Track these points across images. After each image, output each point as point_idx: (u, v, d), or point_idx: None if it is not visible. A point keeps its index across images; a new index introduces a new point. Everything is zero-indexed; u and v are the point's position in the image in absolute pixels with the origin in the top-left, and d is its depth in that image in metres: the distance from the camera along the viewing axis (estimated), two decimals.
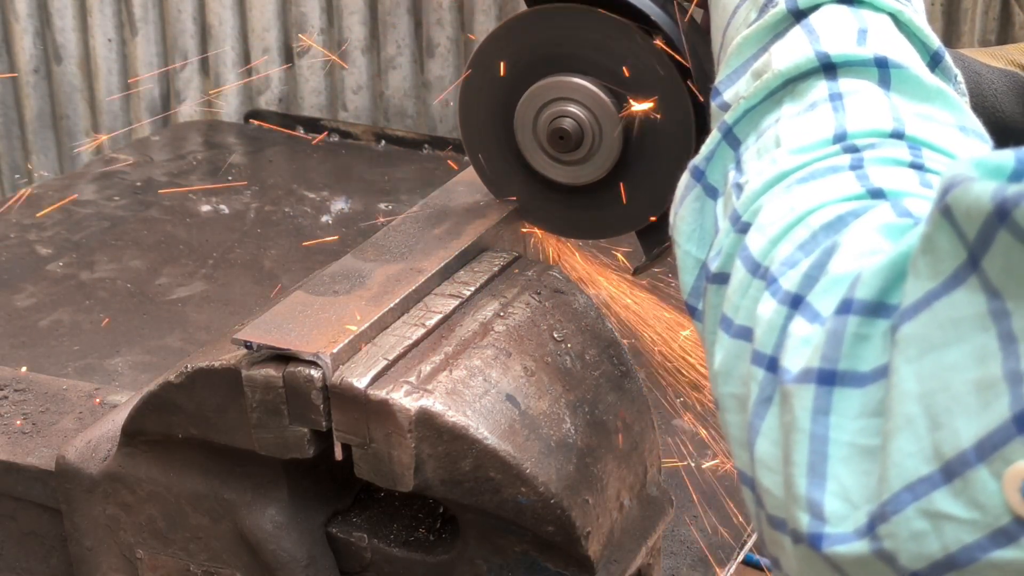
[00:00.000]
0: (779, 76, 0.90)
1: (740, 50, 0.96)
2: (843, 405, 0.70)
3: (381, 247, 1.33)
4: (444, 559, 1.24)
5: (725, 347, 0.83)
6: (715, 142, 0.94)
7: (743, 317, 0.81)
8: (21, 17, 3.79)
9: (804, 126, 0.87)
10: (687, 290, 0.95)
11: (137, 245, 2.71)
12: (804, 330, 0.74)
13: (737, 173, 0.90)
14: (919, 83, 0.89)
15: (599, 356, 1.28)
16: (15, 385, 1.59)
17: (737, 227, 0.85)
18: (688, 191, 0.96)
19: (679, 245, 0.96)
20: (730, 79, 0.97)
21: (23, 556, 1.51)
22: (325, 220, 2.82)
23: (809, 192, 0.82)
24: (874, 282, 0.71)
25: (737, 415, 0.81)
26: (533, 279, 1.31)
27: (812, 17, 0.93)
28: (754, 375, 0.78)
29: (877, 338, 0.70)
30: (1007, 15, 2.93)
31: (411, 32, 3.45)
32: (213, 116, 3.65)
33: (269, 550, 1.26)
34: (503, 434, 1.14)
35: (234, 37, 3.62)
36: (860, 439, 0.70)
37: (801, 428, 0.72)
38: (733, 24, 1.01)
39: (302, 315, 1.20)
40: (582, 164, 1.30)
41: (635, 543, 1.26)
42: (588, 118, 1.27)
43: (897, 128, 0.85)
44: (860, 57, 0.89)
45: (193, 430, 1.25)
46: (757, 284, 0.81)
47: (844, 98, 0.87)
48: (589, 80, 1.27)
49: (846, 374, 0.71)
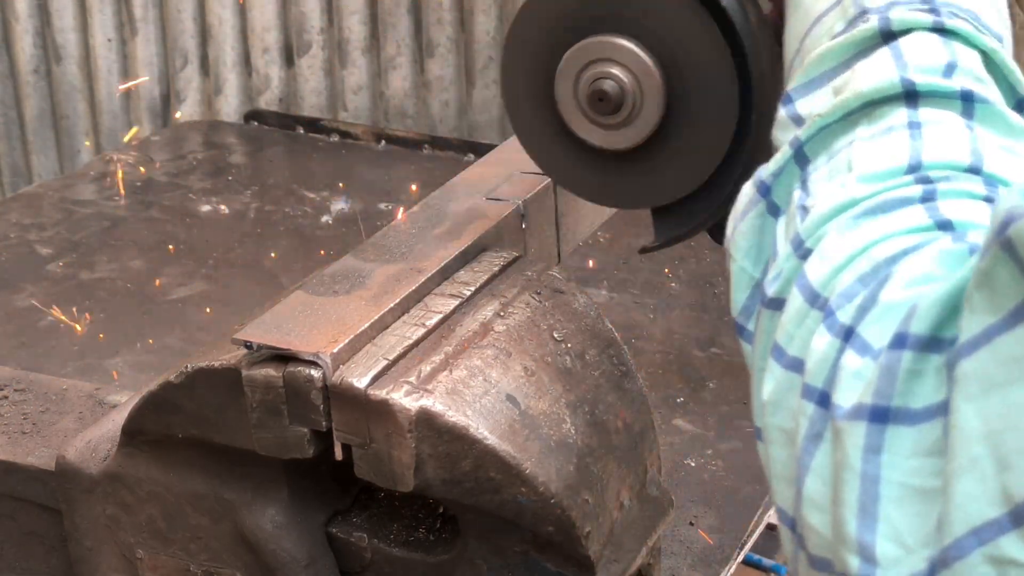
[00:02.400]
0: (859, 97, 0.87)
1: (821, 60, 0.93)
2: (896, 444, 0.69)
3: (381, 247, 1.33)
4: (444, 559, 1.24)
5: (776, 377, 0.80)
6: (785, 158, 0.90)
7: (796, 348, 0.79)
8: (21, 17, 3.79)
9: (878, 152, 0.84)
10: (737, 308, 0.91)
11: (137, 245, 2.71)
12: (855, 363, 0.73)
13: (803, 194, 0.87)
14: (1004, 119, 0.86)
15: (599, 356, 1.28)
16: (15, 385, 1.59)
17: (799, 252, 0.83)
18: (752, 206, 0.92)
19: (735, 260, 0.92)
20: (806, 88, 0.94)
21: (23, 556, 1.51)
22: (325, 220, 2.82)
23: (877, 225, 0.80)
24: (929, 315, 0.69)
25: (783, 449, 0.79)
26: (533, 279, 1.31)
27: (902, 40, 0.90)
28: (804, 410, 0.75)
29: (931, 374, 0.68)
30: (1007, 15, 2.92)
31: (411, 32, 3.45)
32: (213, 116, 3.65)
33: (269, 550, 1.26)
34: (503, 434, 1.14)
35: (234, 37, 3.62)
36: (914, 479, 0.68)
37: (852, 467, 0.70)
38: (815, 32, 0.97)
39: (302, 315, 1.20)
40: (619, 129, 1.26)
41: (635, 543, 1.26)
42: (630, 81, 1.23)
43: (975, 163, 0.83)
44: (946, 89, 0.86)
45: (193, 430, 1.25)
46: (814, 315, 0.78)
47: (923, 127, 0.85)
48: (637, 44, 1.23)
49: (899, 411, 0.69)
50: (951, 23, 0.91)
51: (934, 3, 0.92)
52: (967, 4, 0.94)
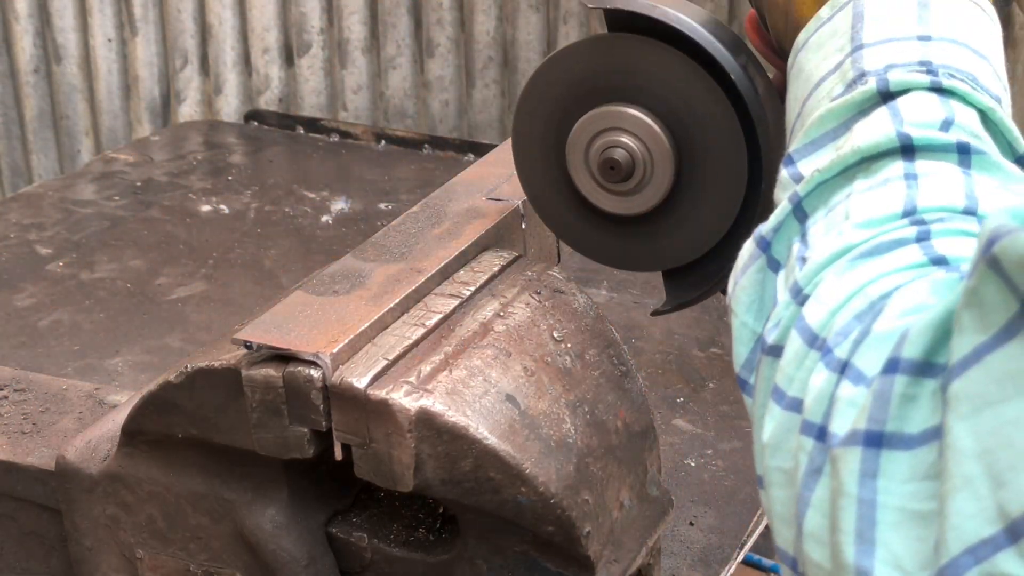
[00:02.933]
0: (857, 152, 0.89)
1: (822, 122, 0.95)
2: (891, 468, 0.68)
3: (381, 247, 1.33)
4: (444, 559, 1.24)
5: (776, 419, 0.81)
6: (784, 213, 0.92)
7: (796, 389, 0.79)
8: (21, 17, 3.79)
9: (874, 201, 0.86)
10: (740, 362, 0.92)
11: (137, 245, 2.71)
12: (849, 392, 0.73)
13: (802, 247, 0.88)
14: (1001, 168, 0.87)
15: (599, 356, 1.28)
16: (15, 385, 1.59)
17: (797, 299, 0.84)
18: (752, 261, 0.93)
19: (736, 315, 0.93)
20: (806, 149, 0.95)
21: (23, 556, 1.51)
22: (325, 220, 2.82)
23: (872, 266, 0.80)
24: (921, 340, 0.69)
25: (783, 490, 0.79)
26: (533, 279, 1.31)
27: (900, 100, 0.91)
28: (803, 446, 0.76)
29: (925, 398, 0.68)
30: (1007, 15, 2.93)
31: (411, 32, 3.46)
32: (213, 116, 3.66)
33: (269, 550, 1.26)
34: (503, 434, 1.14)
35: (234, 37, 3.62)
36: (911, 504, 0.68)
37: (848, 493, 0.70)
38: (815, 95, 0.99)
39: (302, 315, 1.20)
40: (630, 195, 1.29)
41: (635, 543, 1.26)
42: (641, 150, 1.26)
43: (969, 205, 0.84)
44: (942, 142, 0.88)
45: (193, 430, 1.25)
46: (813, 355, 0.79)
47: (919, 177, 0.86)
48: (647, 114, 1.26)
49: (894, 436, 0.69)
50: (948, 83, 0.92)
51: (931, 64, 0.94)
52: (964, 65, 0.95)
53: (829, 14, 1.02)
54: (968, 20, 0.99)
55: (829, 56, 0.99)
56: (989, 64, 0.98)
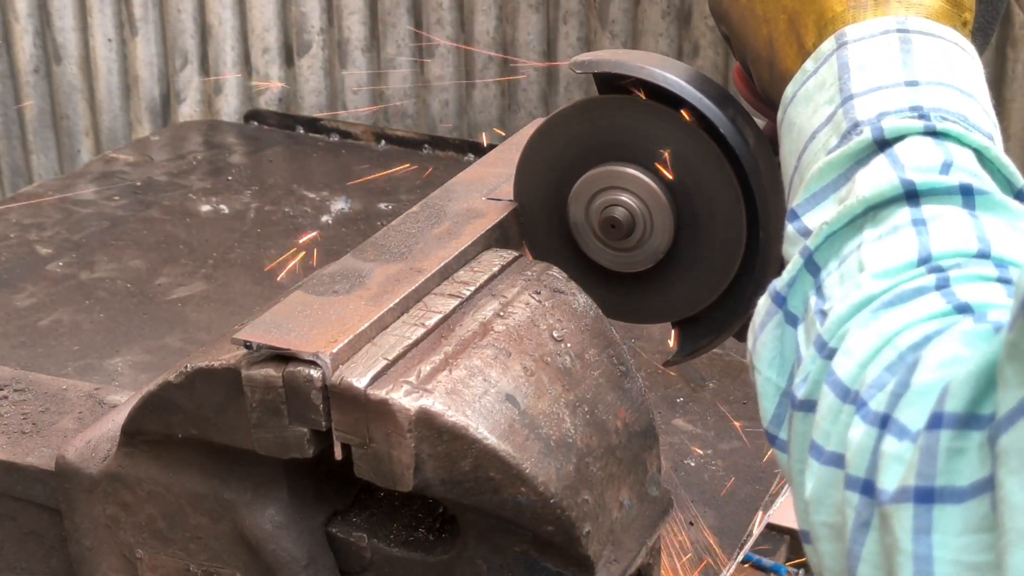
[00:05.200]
0: (863, 202, 0.90)
1: (821, 175, 0.96)
2: (944, 523, 0.69)
3: (381, 247, 1.33)
4: (444, 559, 1.24)
5: (816, 475, 0.82)
6: (796, 268, 0.93)
7: (835, 444, 0.80)
8: (21, 17, 3.79)
9: (887, 250, 0.87)
10: (768, 418, 0.93)
11: (137, 245, 2.71)
12: (894, 447, 0.74)
13: (819, 300, 0.90)
14: (1005, 207, 0.89)
15: (599, 356, 1.28)
16: (15, 385, 1.59)
17: (823, 353, 0.85)
18: (769, 317, 0.95)
19: (759, 372, 0.95)
20: (808, 203, 0.96)
21: (23, 556, 1.51)
22: (325, 220, 2.82)
23: (896, 316, 0.81)
24: (963, 393, 0.70)
25: (832, 544, 0.80)
26: (533, 279, 1.31)
27: (897, 147, 0.92)
28: (849, 500, 0.77)
29: (973, 451, 0.69)
30: (1007, 15, 2.93)
31: (411, 32, 3.45)
32: (213, 116, 3.65)
33: (269, 550, 1.26)
34: (503, 434, 1.14)
35: (234, 37, 3.62)
36: (965, 556, 0.69)
37: (903, 549, 0.71)
38: (811, 148, 1.00)
39: (302, 315, 1.20)
40: (631, 252, 1.32)
41: (635, 543, 1.26)
42: (640, 208, 1.29)
43: (982, 248, 0.85)
44: (945, 185, 0.89)
45: (193, 430, 1.25)
46: (848, 409, 0.80)
47: (928, 223, 0.87)
48: (644, 172, 1.29)
49: (944, 490, 0.70)
50: (942, 126, 0.93)
51: (923, 109, 0.95)
52: (955, 107, 0.96)
53: (814, 67, 1.02)
54: (951, 61, 1.00)
55: (820, 108, 1.00)
56: (977, 103, 0.99)
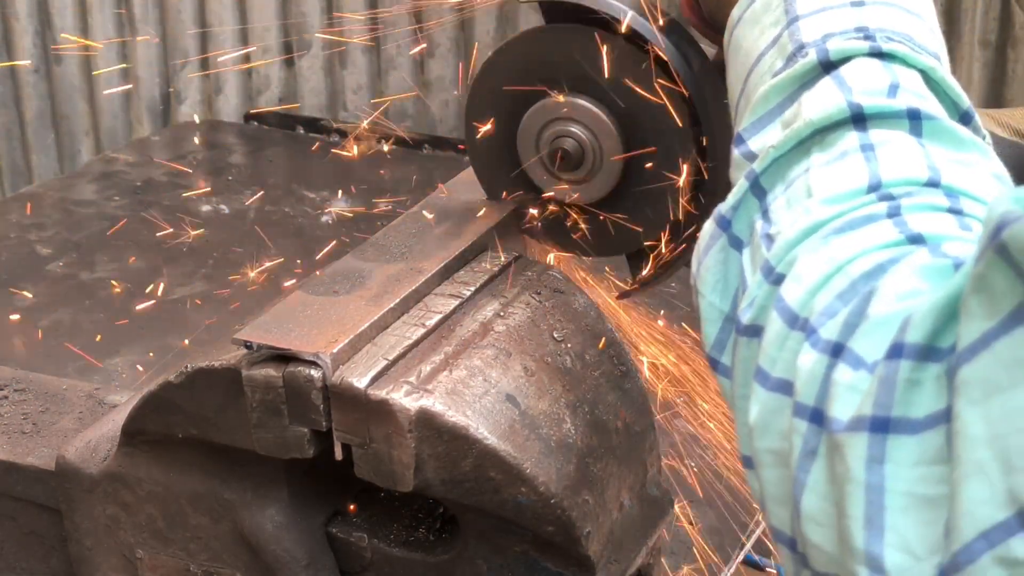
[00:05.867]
0: (809, 125, 0.89)
1: (766, 98, 0.95)
2: (898, 453, 0.69)
3: (381, 247, 1.33)
4: (444, 559, 1.24)
5: (761, 401, 0.81)
6: (742, 191, 0.92)
7: (781, 370, 0.80)
8: (21, 17, 3.79)
9: (836, 175, 0.86)
10: (710, 342, 0.93)
11: (137, 245, 2.71)
12: (848, 377, 0.73)
13: (765, 223, 0.89)
14: (952, 133, 0.88)
15: (599, 356, 1.28)
16: (15, 385, 1.59)
17: (771, 279, 0.84)
18: (713, 241, 0.94)
19: (703, 296, 0.94)
20: (754, 127, 0.96)
21: (23, 556, 1.51)
22: (325, 220, 2.82)
23: (847, 242, 0.81)
24: (924, 325, 0.69)
25: (775, 470, 0.80)
26: (533, 279, 1.31)
27: (843, 69, 0.92)
28: (797, 428, 0.76)
29: (930, 383, 0.69)
30: (1007, 15, 2.93)
31: (411, 32, 3.46)
32: (213, 116, 3.65)
33: (269, 550, 1.26)
34: (503, 434, 1.14)
35: (234, 37, 3.62)
36: (919, 488, 0.68)
37: (855, 479, 0.70)
38: (756, 71, 0.99)
39: (302, 315, 1.20)
40: (581, 184, 1.31)
41: (635, 543, 1.26)
42: (589, 139, 1.29)
43: (932, 177, 0.84)
44: (892, 108, 0.88)
45: (193, 430, 1.25)
46: (796, 336, 0.79)
47: (876, 148, 0.86)
48: (591, 101, 1.28)
49: (900, 421, 0.69)
50: (888, 47, 0.93)
51: (868, 30, 0.94)
52: (901, 27, 0.96)
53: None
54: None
55: (766, 31, 1.00)
56: (923, 21, 0.98)
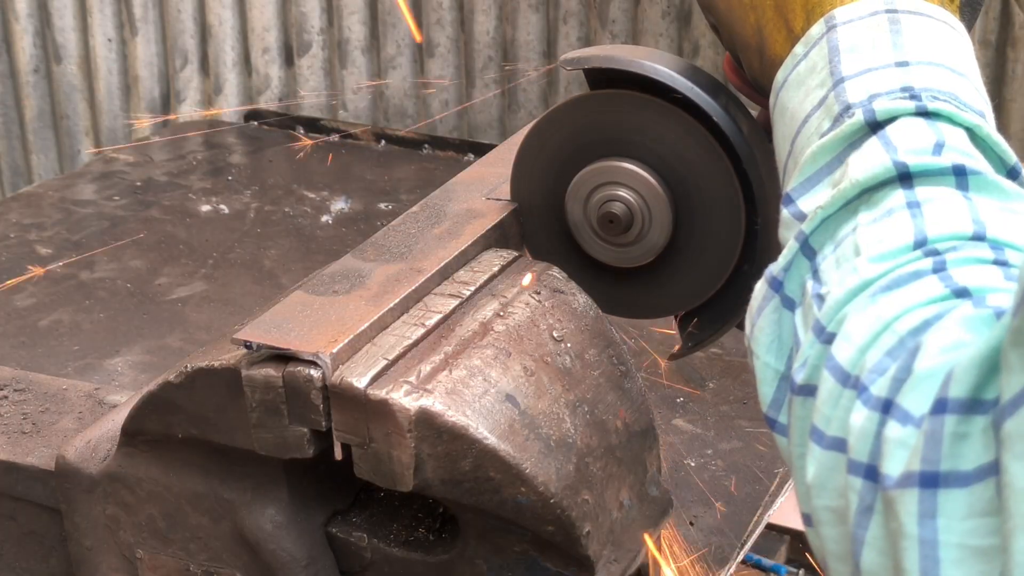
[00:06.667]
0: (856, 185, 0.90)
1: (814, 159, 0.96)
2: (949, 507, 0.70)
3: (381, 247, 1.33)
4: (444, 559, 1.24)
5: (817, 459, 0.82)
6: (792, 252, 0.93)
7: (835, 428, 0.81)
8: (21, 17, 3.79)
9: (883, 233, 0.87)
10: (767, 402, 0.94)
11: (137, 245, 2.71)
12: (898, 433, 0.74)
13: (816, 283, 0.90)
14: (998, 187, 0.89)
15: (599, 356, 1.28)
16: (15, 385, 1.59)
17: (822, 338, 0.85)
18: (766, 302, 0.95)
19: (758, 356, 0.95)
20: (803, 187, 0.96)
21: (23, 556, 1.51)
22: (325, 220, 2.82)
23: (894, 299, 0.82)
24: (967, 379, 0.70)
25: (834, 528, 0.81)
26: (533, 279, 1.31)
27: (889, 129, 0.93)
28: (852, 485, 0.77)
29: (977, 435, 0.69)
30: (1007, 15, 2.93)
31: (411, 32, 3.45)
32: (213, 116, 3.65)
33: (269, 550, 1.26)
34: (503, 434, 1.14)
35: (234, 37, 3.62)
36: (971, 540, 0.69)
37: (909, 534, 0.71)
38: (803, 133, 1.00)
39: (302, 315, 1.20)
40: (630, 247, 1.32)
41: (635, 543, 1.26)
42: (639, 203, 1.29)
43: (978, 230, 0.85)
44: (938, 166, 0.89)
45: (193, 430, 1.25)
46: (848, 394, 0.80)
47: (922, 205, 0.87)
48: (639, 165, 1.29)
49: (949, 475, 0.70)
50: (933, 106, 0.93)
51: (914, 89, 0.95)
52: (946, 86, 0.96)
53: (804, 51, 1.03)
54: (941, 40, 1.00)
55: (811, 92, 1.00)
56: (967, 80, 0.99)
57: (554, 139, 1.33)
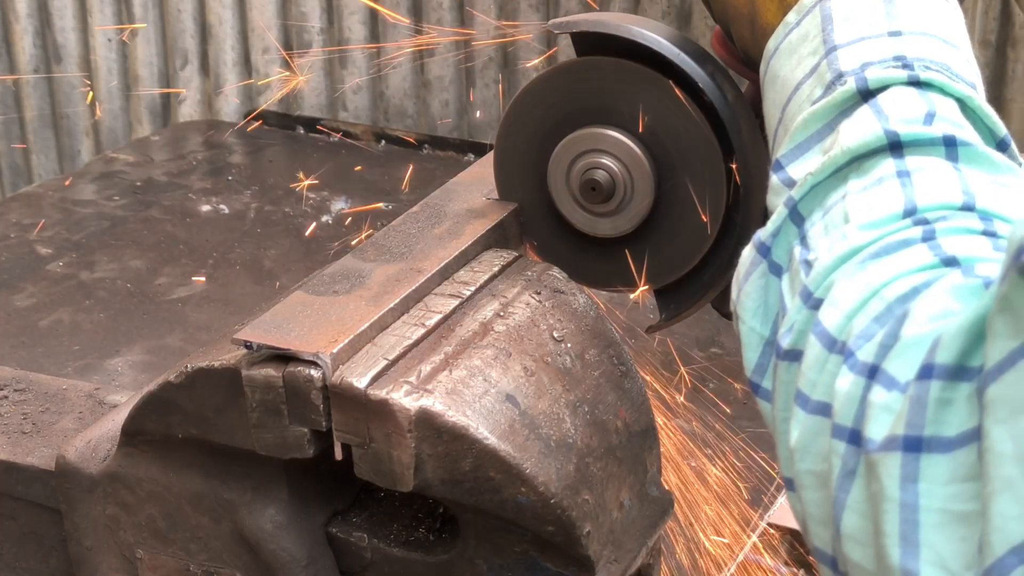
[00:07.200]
0: (847, 153, 0.90)
1: (805, 125, 0.96)
2: (932, 471, 0.70)
3: (381, 247, 1.33)
4: (444, 559, 1.24)
5: (802, 423, 0.82)
6: (781, 218, 0.94)
7: (821, 393, 0.81)
8: (21, 17, 3.79)
9: (872, 201, 0.87)
10: (751, 367, 0.94)
11: (137, 245, 2.71)
12: (883, 398, 0.74)
13: (803, 249, 0.90)
14: (987, 158, 0.89)
15: (599, 356, 1.28)
16: (15, 385, 1.59)
17: (809, 303, 0.85)
18: (753, 267, 0.95)
19: (744, 321, 0.95)
20: (793, 153, 0.97)
21: (23, 556, 1.51)
22: (325, 220, 2.82)
23: (883, 266, 0.82)
24: (953, 345, 0.70)
25: (817, 492, 0.81)
26: (533, 279, 1.31)
27: (880, 97, 0.93)
28: (836, 449, 0.77)
29: (961, 402, 0.70)
30: (1007, 15, 2.93)
31: (411, 32, 3.46)
32: (213, 116, 3.65)
33: (269, 550, 1.26)
34: (503, 434, 1.14)
35: (234, 37, 3.62)
36: (953, 505, 0.69)
37: (890, 497, 0.71)
38: (795, 100, 1.00)
39: (302, 315, 1.20)
40: (611, 216, 1.31)
41: (635, 543, 1.26)
42: (621, 171, 1.28)
43: (967, 201, 0.85)
44: (928, 136, 0.89)
45: (193, 430, 1.25)
46: (834, 359, 0.81)
47: (912, 174, 0.88)
48: (624, 133, 1.28)
49: (932, 440, 0.70)
50: (925, 75, 0.94)
51: (906, 59, 0.96)
52: (938, 56, 0.96)
53: (796, 19, 1.03)
54: (934, 11, 1.00)
55: (803, 60, 1.00)
56: (959, 52, 0.99)
57: (539, 106, 1.32)
